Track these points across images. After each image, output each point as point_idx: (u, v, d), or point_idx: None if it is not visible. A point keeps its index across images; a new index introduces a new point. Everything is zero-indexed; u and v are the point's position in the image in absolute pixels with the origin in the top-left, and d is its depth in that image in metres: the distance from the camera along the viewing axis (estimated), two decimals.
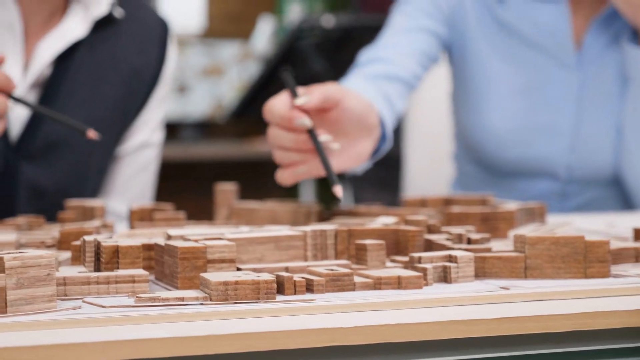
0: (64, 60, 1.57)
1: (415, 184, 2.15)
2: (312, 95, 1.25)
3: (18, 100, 1.32)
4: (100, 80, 1.62)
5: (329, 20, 3.12)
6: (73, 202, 1.31)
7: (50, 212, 1.40)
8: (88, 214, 1.29)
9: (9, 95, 1.30)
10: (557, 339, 0.81)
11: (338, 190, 1.19)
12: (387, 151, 1.57)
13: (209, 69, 4.79)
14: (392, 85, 1.63)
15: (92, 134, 1.32)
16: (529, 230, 1.15)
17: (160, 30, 1.72)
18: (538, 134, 1.73)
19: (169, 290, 0.89)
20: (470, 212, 1.22)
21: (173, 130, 4.75)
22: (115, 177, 1.71)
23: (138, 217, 1.26)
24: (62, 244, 1.08)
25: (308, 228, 0.99)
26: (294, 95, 1.26)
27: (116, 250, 0.89)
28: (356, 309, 0.82)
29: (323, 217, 1.31)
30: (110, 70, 1.63)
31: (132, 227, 1.24)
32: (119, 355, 0.72)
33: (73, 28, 1.58)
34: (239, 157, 4.67)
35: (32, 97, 1.54)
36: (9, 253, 0.78)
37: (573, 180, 1.74)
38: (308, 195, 4.52)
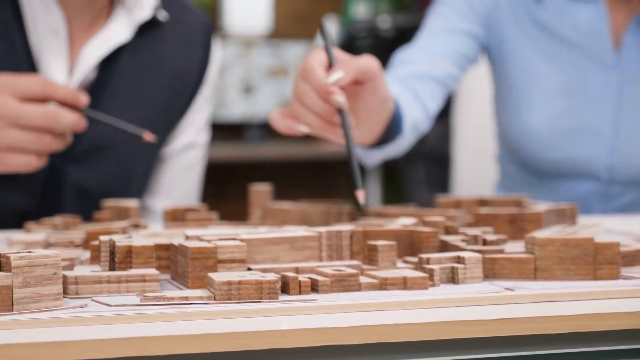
0: (108, 64, 1.60)
1: (463, 184, 2.15)
2: (347, 70, 1.23)
3: (88, 116, 1.41)
4: (144, 83, 1.65)
5: (384, 21, 3.13)
6: (109, 203, 1.34)
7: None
8: (123, 214, 1.31)
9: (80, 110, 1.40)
10: (557, 340, 0.81)
11: (361, 195, 1.18)
12: (403, 146, 1.57)
13: (274, 70, 4.82)
14: (423, 85, 1.63)
15: (148, 136, 1.41)
16: (552, 232, 1.15)
17: (204, 32, 1.75)
18: (578, 135, 1.72)
19: (181, 289, 0.91)
20: (498, 213, 1.22)
21: (239, 130, 4.80)
22: (161, 178, 1.74)
23: (171, 218, 1.28)
24: (88, 243, 1.10)
25: (323, 229, 1.00)
26: (330, 58, 1.25)
27: (130, 250, 0.91)
28: (356, 309, 0.83)
29: (354, 218, 1.32)
30: (154, 73, 1.66)
31: (166, 227, 1.27)
32: (117, 353, 0.74)
33: (117, 32, 1.61)
34: (304, 157, 4.69)
35: None
36: (16, 252, 0.81)
37: (615, 181, 1.72)
38: (374, 196, 4.53)
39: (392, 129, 1.44)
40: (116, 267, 0.91)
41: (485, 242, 1.01)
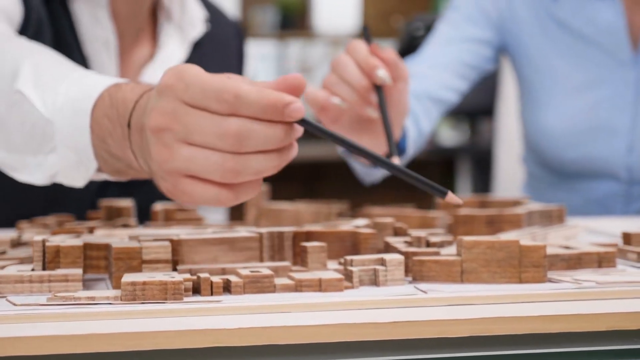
0: None
1: (505, 185, 2.12)
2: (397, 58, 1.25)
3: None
4: None
5: None
6: (104, 202, 1.36)
7: None
8: (115, 213, 1.33)
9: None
10: (454, 344, 0.80)
11: (396, 160, 1.18)
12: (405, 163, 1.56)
13: None
14: (419, 104, 1.62)
15: (451, 198, 0.92)
16: (520, 233, 1.13)
17: (236, 40, 1.77)
18: (595, 133, 1.68)
19: (109, 289, 0.92)
20: (476, 214, 1.20)
21: None
22: None
23: (162, 217, 1.30)
24: None
25: (264, 230, 1.00)
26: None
27: (58, 250, 0.93)
28: (257, 310, 0.82)
29: (342, 217, 1.32)
30: None
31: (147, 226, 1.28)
32: (3, 352, 0.75)
33: (174, 53, 1.61)
34: None
35: None
36: None
37: (635, 181, 1.67)
38: (464, 188, 4.51)
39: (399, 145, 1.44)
40: (46, 267, 0.93)
41: (428, 244, 1.00)
